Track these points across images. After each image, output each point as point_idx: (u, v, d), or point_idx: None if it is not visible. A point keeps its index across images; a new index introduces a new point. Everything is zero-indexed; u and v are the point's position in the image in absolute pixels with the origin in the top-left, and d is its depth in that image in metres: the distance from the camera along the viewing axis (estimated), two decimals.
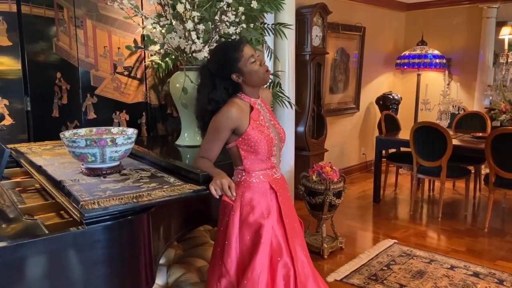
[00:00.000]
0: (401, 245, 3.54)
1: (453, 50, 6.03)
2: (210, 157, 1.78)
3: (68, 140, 1.66)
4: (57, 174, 1.76)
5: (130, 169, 1.84)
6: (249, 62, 1.75)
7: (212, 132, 1.77)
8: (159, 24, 2.42)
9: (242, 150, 1.79)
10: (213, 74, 1.78)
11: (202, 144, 1.82)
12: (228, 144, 1.81)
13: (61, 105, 2.88)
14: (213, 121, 1.76)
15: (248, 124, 1.77)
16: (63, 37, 2.83)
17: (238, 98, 1.81)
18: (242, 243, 1.77)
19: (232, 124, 1.74)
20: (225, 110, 1.74)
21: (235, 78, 1.77)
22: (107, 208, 1.36)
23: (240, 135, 1.77)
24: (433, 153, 4.09)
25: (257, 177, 1.82)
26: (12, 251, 1.19)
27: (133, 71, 3.12)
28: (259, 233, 1.75)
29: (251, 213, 1.78)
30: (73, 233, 1.29)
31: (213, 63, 1.79)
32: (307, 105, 4.62)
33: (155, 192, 1.49)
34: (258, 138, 1.77)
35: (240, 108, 1.77)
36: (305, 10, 4.45)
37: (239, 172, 1.85)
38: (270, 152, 1.82)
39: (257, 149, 1.78)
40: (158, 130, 3.36)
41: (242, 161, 1.80)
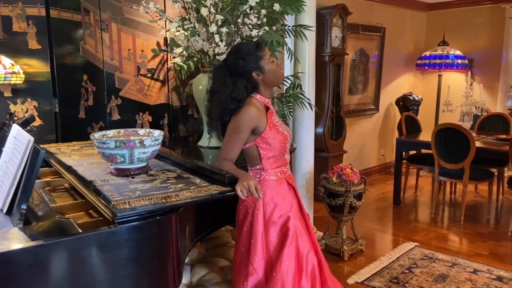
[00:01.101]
0: (423, 248, 3.51)
1: (475, 50, 5.94)
2: (231, 157, 1.82)
3: (98, 142, 1.71)
4: (87, 174, 1.81)
5: (156, 170, 1.88)
6: (269, 61, 1.84)
7: (233, 132, 1.81)
8: (183, 28, 2.46)
9: (261, 149, 1.84)
10: (232, 72, 1.82)
11: (223, 145, 1.85)
12: (246, 144, 1.85)
13: (87, 106, 2.95)
14: (234, 122, 1.80)
15: (266, 123, 1.82)
16: (90, 40, 2.91)
17: (254, 98, 1.86)
18: (268, 241, 1.82)
19: (253, 124, 1.79)
20: (246, 110, 1.79)
21: (255, 76, 1.82)
22: (138, 208, 1.39)
23: (258, 135, 1.82)
24: (455, 155, 4.04)
25: (275, 174, 1.88)
26: (48, 249, 1.24)
27: (156, 73, 3.18)
28: (286, 226, 1.81)
29: (275, 210, 1.83)
30: (106, 232, 1.33)
31: (236, 59, 1.82)
32: (326, 106, 4.62)
33: (182, 193, 1.53)
34: (275, 136, 1.84)
35: (257, 108, 1.82)
36: (324, 11, 4.45)
37: (257, 172, 1.88)
38: (284, 148, 1.90)
39: (275, 147, 1.84)
40: (180, 131, 3.41)
41: (261, 159, 1.85)
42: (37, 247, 1.22)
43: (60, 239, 1.26)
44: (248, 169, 1.92)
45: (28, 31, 2.61)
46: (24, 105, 2.64)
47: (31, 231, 1.39)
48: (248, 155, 1.89)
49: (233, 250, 2.35)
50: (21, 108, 2.62)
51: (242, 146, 1.82)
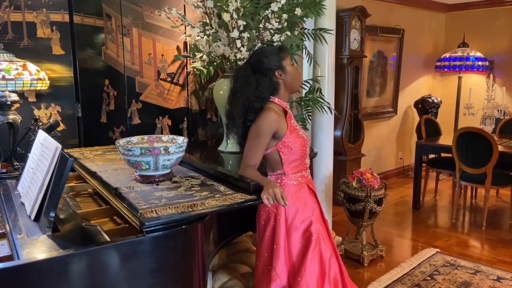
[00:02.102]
0: (444, 254, 3.44)
1: (495, 52, 5.81)
2: (254, 163, 1.81)
3: (124, 149, 1.71)
4: (112, 180, 1.82)
5: (180, 177, 1.88)
6: (290, 64, 1.87)
7: (255, 137, 1.80)
8: (205, 33, 2.46)
9: (283, 154, 1.84)
10: (255, 71, 1.82)
11: (245, 151, 1.84)
12: (267, 150, 1.84)
13: (108, 111, 2.98)
14: (254, 127, 1.80)
15: (287, 127, 1.82)
16: (111, 45, 2.93)
17: (273, 103, 1.85)
18: (291, 246, 1.81)
19: (274, 128, 1.79)
20: (265, 115, 1.79)
21: (277, 75, 1.83)
22: (165, 216, 1.39)
23: (279, 139, 1.82)
24: (477, 160, 3.96)
25: (296, 179, 1.87)
26: (78, 258, 1.24)
27: (175, 77, 3.19)
28: (309, 231, 1.81)
29: (297, 215, 1.83)
30: (135, 241, 1.33)
31: (260, 58, 1.83)
32: (344, 109, 4.58)
33: (208, 201, 1.52)
34: (296, 139, 1.84)
35: (277, 112, 1.82)
36: (343, 13, 4.41)
37: (277, 177, 1.88)
38: (305, 152, 1.89)
39: (296, 151, 1.84)
40: (199, 134, 3.42)
41: (283, 164, 1.84)
42: (67, 256, 1.23)
43: (90, 248, 1.27)
44: (269, 174, 1.91)
45: (52, 37, 2.65)
46: (48, 110, 2.68)
47: (59, 239, 1.40)
48: (269, 160, 1.88)
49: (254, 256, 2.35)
50: (45, 113, 2.66)
51: (264, 151, 1.82)
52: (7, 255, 1.39)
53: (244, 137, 1.85)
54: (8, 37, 2.51)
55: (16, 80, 1.98)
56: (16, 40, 2.53)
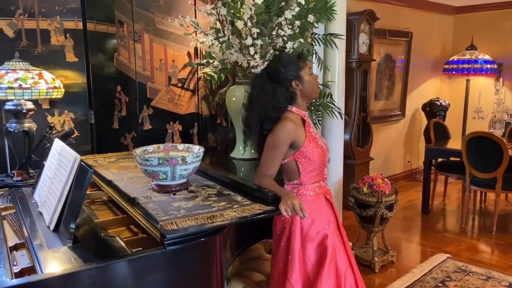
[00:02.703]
0: (455, 260, 3.43)
1: (504, 54, 5.78)
2: (271, 173, 1.80)
3: (141, 159, 1.72)
4: (129, 189, 1.83)
5: (196, 185, 1.88)
6: (309, 73, 1.85)
7: (271, 148, 1.79)
8: (218, 40, 2.46)
9: (300, 164, 1.82)
10: (272, 80, 1.81)
11: (262, 161, 1.84)
12: (285, 159, 1.83)
13: (120, 117, 2.99)
14: (271, 137, 1.79)
15: (305, 137, 1.81)
16: (123, 52, 2.94)
17: (290, 112, 1.84)
18: (306, 257, 1.81)
19: (291, 138, 1.78)
20: (283, 125, 1.77)
21: (294, 86, 1.81)
22: (186, 229, 1.40)
23: (297, 149, 1.80)
24: (488, 164, 3.94)
25: (313, 189, 1.86)
26: (101, 271, 1.25)
27: (186, 83, 3.20)
28: (324, 244, 1.80)
29: (312, 225, 1.82)
30: (156, 253, 1.33)
31: (277, 67, 1.82)
32: (353, 113, 4.57)
33: (227, 213, 1.52)
34: (315, 149, 1.82)
35: (294, 122, 1.81)
36: (352, 17, 4.40)
37: (294, 186, 1.87)
38: (323, 163, 1.87)
39: (314, 161, 1.82)
40: (209, 139, 3.42)
41: (300, 174, 1.83)
42: (90, 270, 1.23)
43: (113, 261, 1.27)
44: (285, 183, 1.91)
45: (65, 44, 2.66)
46: (61, 116, 2.69)
47: (80, 250, 1.41)
48: (287, 170, 1.88)
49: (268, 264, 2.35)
50: (58, 120, 2.67)
51: (281, 161, 1.81)
52: (28, 266, 1.40)
53: (261, 145, 1.84)
54: (22, 45, 2.52)
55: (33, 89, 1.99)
56: (30, 48, 2.55)
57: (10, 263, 1.35)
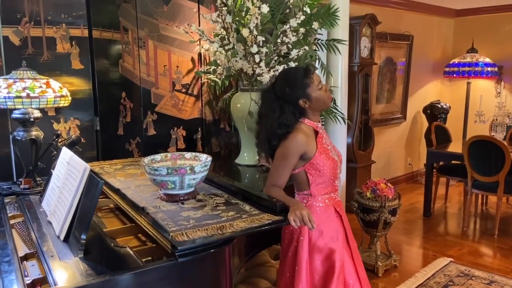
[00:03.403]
0: (458, 264, 3.45)
1: (504, 57, 5.81)
2: (280, 184, 1.81)
3: (150, 169, 1.73)
4: (137, 198, 1.84)
5: (203, 194, 1.90)
6: (317, 88, 1.81)
7: (281, 158, 1.80)
8: (224, 48, 2.48)
9: (310, 175, 1.82)
10: (279, 98, 1.81)
11: (271, 171, 1.85)
12: (295, 170, 1.84)
13: (125, 123, 3.00)
14: (282, 148, 1.79)
15: (316, 149, 1.80)
16: (128, 58, 2.95)
17: (302, 123, 1.84)
18: (313, 268, 1.81)
19: (301, 150, 1.78)
20: (294, 137, 1.78)
21: (302, 104, 1.80)
22: (196, 240, 1.41)
23: (308, 160, 1.80)
24: (489, 168, 3.96)
25: (323, 201, 1.85)
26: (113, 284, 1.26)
27: (190, 88, 3.21)
28: (332, 258, 1.79)
29: (321, 237, 1.82)
30: (168, 265, 1.34)
31: (283, 87, 1.81)
32: (355, 116, 4.59)
33: (236, 223, 1.54)
34: (326, 162, 1.81)
35: (306, 134, 1.81)
36: (354, 21, 4.41)
37: (304, 197, 1.87)
38: (335, 174, 1.86)
39: (324, 173, 1.82)
40: (212, 144, 3.44)
41: (310, 185, 1.83)
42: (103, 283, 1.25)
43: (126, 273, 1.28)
44: (296, 193, 1.92)
45: (71, 51, 2.67)
46: (67, 123, 2.70)
47: (91, 262, 1.42)
48: (297, 180, 1.88)
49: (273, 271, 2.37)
50: (64, 126, 2.68)
51: (290, 172, 1.82)
52: (39, 277, 1.41)
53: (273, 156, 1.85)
54: (28, 52, 2.53)
55: (41, 98, 2.00)
56: (36, 55, 2.55)
57: (21, 273, 1.37)
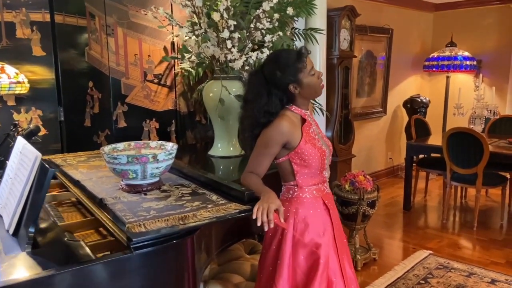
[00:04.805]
0: (437, 256, 3.41)
1: (483, 51, 5.84)
2: (259, 172, 1.70)
3: (109, 157, 1.61)
4: (97, 190, 1.72)
5: (169, 185, 1.79)
6: (309, 74, 1.67)
7: (262, 146, 1.69)
8: (194, 33, 2.37)
9: (295, 165, 1.71)
10: (268, 81, 1.69)
11: (250, 158, 1.74)
12: (279, 159, 1.73)
13: (93, 114, 2.87)
14: (264, 136, 1.68)
15: (301, 137, 1.69)
16: (95, 46, 2.82)
17: (289, 110, 1.72)
18: (296, 263, 1.69)
19: (284, 139, 1.66)
20: (277, 124, 1.66)
21: (292, 89, 1.68)
22: (154, 231, 1.30)
23: (292, 149, 1.69)
24: (468, 160, 3.95)
25: (310, 192, 1.74)
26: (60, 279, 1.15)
27: (163, 78, 3.09)
28: (317, 253, 1.68)
29: (306, 231, 1.70)
30: (121, 258, 1.23)
31: (273, 70, 1.68)
32: (334, 110, 4.52)
33: (200, 213, 1.43)
34: (311, 151, 1.69)
35: (291, 121, 1.68)
36: (333, 13, 4.34)
37: (290, 187, 1.76)
38: (322, 165, 1.74)
39: (310, 163, 1.70)
40: (187, 137, 3.32)
41: (295, 175, 1.72)
42: (48, 278, 1.13)
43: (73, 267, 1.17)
44: (282, 184, 1.81)
45: (32, 37, 2.52)
46: (28, 114, 2.55)
47: (40, 256, 1.30)
48: (282, 170, 1.76)
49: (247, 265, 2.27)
50: (25, 117, 2.53)
51: (271, 161, 1.70)
52: None
53: None
54: None
55: None
56: None
57: None
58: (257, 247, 2.49)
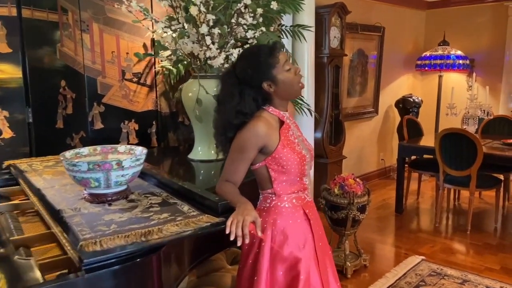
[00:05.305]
0: (430, 262, 3.29)
1: (476, 50, 5.74)
2: (235, 180, 1.55)
3: (68, 164, 1.45)
4: (57, 200, 1.56)
5: (138, 193, 1.63)
6: (284, 70, 1.53)
7: (237, 151, 1.54)
8: (170, 28, 2.21)
9: (272, 171, 1.56)
10: (241, 81, 1.55)
11: (225, 165, 1.59)
12: (255, 165, 1.58)
13: (65, 115, 2.70)
14: (238, 139, 1.53)
15: (278, 141, 1.54)
16: (68, 43, 2.65)
17: (266, 111, 1.57)
18: (274, 280, 1.54)
19: (260, 142, 1.51)
20: (252, 126, 1.51)
21: (266, 87, 1.54)
22: (111, 250, 1.15)
23: (269, 154, 1.54)
24: (461, 162, 3.83)
25: (289, 201, 1.59)
26: None
27: (142, 77, 2.93)
28: (297, 269, 1.53)
29: (285, 243, 1.55)
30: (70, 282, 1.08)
31: (244, 68, 1.55)
32: (324, 110, 4.39)
33: (167, 227, 1.28)
34: (290, 156, 1.54)
35: (268, 123, 1.53)
36: (322, 10, 4.21)
37: (268, 196, 1.61)
38: (302, 171, 1.59)
39: (289, 169, 1.55)
40: (169, 139, 3.16)
41: (272, 183, 1.57)
42: None
43: None
44: (260, 192, 1.65)
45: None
46: None
47: None
48: (258, 176, 1.61)
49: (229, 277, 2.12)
50: None
51: (247, 167, 1.55)
52: None
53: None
54: None
55: None
56: None
57: None
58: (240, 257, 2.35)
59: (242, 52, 1.66)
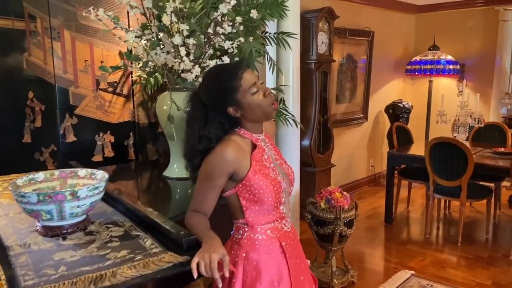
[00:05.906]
0: (419, 278, 3.18)
1: (467, 55, 5.66)
2: (204, 210, 1.41)
3: (16, 195, 1.30)
4: (8, 232, 1.41)
5: (99, 223, 1.48)
6: (249, 93, 1.37)
7: (205, 179, 1.40)
8: (142, 38, 2.07)
9: (243, 199, 1.42)
10: (205, 104, 1.43)
11: (194, 193, 1.45)
12: (225, 192, 1.44)
13: (33, 128, 2.54)
14: (205, 165, 1.39)
15: (250, 166, 1.40)
16: (36, 52, 2.49)
17: (236, 134, 1.43)
18: None
19: (229, 168, 1.37)
20: (219, 151, 1.37)
21: (232, 112, 1.40)
22: None
23: (239, 181, 1.40)
24: (451, 171, 3.72)
25: (264, 232, 1.44)
26: None
27: (118, 87, 2.78)
28: None
29: (258, 280, 1.40)
30: None
31: (205, 92, 1.42)
32: (312, 117, 4.27)
33: (122, 270, 1.14)
34: (262, 184, 1.39)
35: (238, 148, 1.39)
36: (309, 14, 4.09)
37: (240, 226, 1.46)
38: (278, 200, 1.44)
39: (262, 198, 1.40)
40: (148, 151, 3.01)
41: (244, 212, 1.43)
42: None
43: None
44: (233, 221, 1.51)
45: None
46: None
47: None
48: (230, 205, 1.47)
49: None
50: None
51: (217, 195, 1.41)
52: None
53: None
54: None
55: None
56: None
57: None
58: None
59: (206, 73, 1.52)
